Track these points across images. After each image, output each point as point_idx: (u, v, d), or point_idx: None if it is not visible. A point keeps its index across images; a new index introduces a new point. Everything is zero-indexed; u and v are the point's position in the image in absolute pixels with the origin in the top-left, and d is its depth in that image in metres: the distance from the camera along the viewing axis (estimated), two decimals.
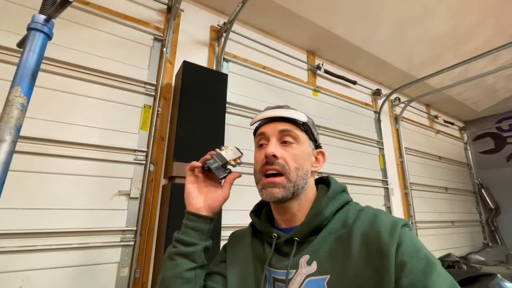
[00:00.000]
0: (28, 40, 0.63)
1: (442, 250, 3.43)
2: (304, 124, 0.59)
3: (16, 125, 0.56)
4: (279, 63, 2.76)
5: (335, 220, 0.53)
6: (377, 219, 0.48)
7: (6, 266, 1.35)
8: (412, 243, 0.44)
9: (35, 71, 0.63)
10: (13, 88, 0.59)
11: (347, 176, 2.92)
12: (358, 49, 2.97)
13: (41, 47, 0.64)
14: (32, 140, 1.50)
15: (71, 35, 1.73)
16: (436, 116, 4.43)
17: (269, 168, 0.53)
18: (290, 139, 0.56)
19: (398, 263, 0.41)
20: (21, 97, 0.58)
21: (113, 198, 1.68)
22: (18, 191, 1.44)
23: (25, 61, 0.61)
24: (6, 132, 0.54)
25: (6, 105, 0.57)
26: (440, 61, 3.08)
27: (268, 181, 0.53)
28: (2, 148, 0.53)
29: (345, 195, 0.59)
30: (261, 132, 0.59)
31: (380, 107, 3.58)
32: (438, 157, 4.23)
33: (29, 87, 0.60)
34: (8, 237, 1.37)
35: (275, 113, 0.58)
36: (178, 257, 0.52)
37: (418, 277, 0.40)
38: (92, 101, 1.73)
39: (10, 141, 0.55)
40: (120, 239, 1.66)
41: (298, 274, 0.49)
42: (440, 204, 3.95)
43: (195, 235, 0.54)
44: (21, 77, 0.59)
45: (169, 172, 1.69)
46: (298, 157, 0.55)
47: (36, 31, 0.63)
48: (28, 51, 0.62)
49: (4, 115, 0.56)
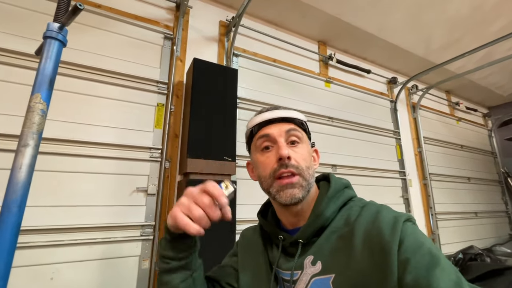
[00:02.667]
0: (45, 48, 0.65)
1: (464, 242, 3.32)
2: (303, 123, 0.59)
3: (38, 130, 0.59)
4: (289, 55, 2.71)
5: (338, 218, 0.52)
6: (379, 215, 0.47)
7: (38, 259, 1.45)
8: (414, 239, 0.43)
9: (52, 78, 0.66)
10: (33, 95, 0.62)
11: (362, 168, 2.86)
12: (372, 36, 2.86)
13: (56, 54, 0.66)
14: (54, 142, 1.58)
15: (84, 38, 1.79)
16: (457, 103, 4.22)
17: (284, 171, 0.51)
18: (296, 139, 0.56)
19: (401, 261, 0.41)
20: (41, 103, 0.61)
21: (131, 194, 1.75)
22: (44, 190, 1.53)
23: (43, 68, 0.64)
24: (29, 137, 0.57)
25: (28, 112, 0.60)
26: (460, 45, 2.92)
27: (286, 183, 0.51)
28: (27, 152, 0.56)
29: (348, 191, 0.57)
30: (265, 134, 0.56)
31: (396, 96, 3.45)
32: (459, 146, 4.05)
33: (47, 93, 0.63)
34: (37, 233, 1.47)
35: (276, 114, 0.57)
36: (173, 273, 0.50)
37: (421, 273, 0.39)
38: (107, 102, 1.79)
39: (33, 145, 0.58)
40: (140, 233, 1.73)
41: (304, 275, 0.49)
42: (462, 194, 3.80)
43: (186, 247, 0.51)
44: (40, 84, 0.62)
45: (184, 169, 1.74)
46: (306, 156, 0.55)
47: (51, 39, 0.65)
48: (45, 58, 0.65)
49: (26, 121, 0.59)
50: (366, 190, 2.84)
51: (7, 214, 0.54)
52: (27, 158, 0.58)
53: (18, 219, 0.56)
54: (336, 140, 2.79)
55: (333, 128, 2.80)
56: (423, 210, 3.28)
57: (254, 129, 0.58)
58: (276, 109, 0.59)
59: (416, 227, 0.47)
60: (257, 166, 0.57)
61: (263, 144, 0.56)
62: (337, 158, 2.72)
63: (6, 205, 0.55)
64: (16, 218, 0.55)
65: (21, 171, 0.56)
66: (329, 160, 2.65)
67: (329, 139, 2.74)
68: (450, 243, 3.31)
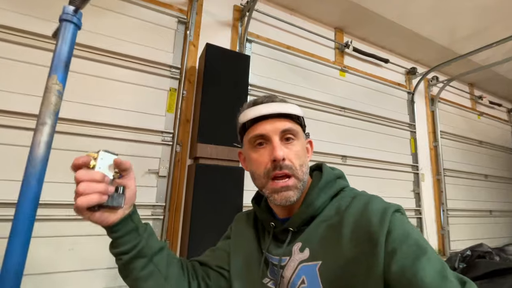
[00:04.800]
0: (60, 31, 0.67)
1: (475, 240, 3.25)
2: (299, 117, 0.57)
3: (55, 110, 0.63)
4: (304, 42, 2.65)
5: (329, 208, 0.53)
6: (368, 206, 0.48)
7: (58, 231, 1.56)
8: (402, 229, 0.43)
9: (67, 60, 0.68)
10: (50, 77, 0.65)
11: (373, 160, 2.82)
12: (392, 23, 2.73)
13: (72, 37, 0.68)
14: (72, 122, 1.65)
15: (101, 21, 1.81)
16: (480, 96, 4.01)
17: (279, 173, 0.51)
18: (291, 136, 0.54)
19: (388, 251, 0.42)
20: (57, 84, 0.64)
21: (144, 176, 1.82)
22: (63, 167, 1.61)
23: (59, 51, 0.66)
24: (47, 116, 0.60)
25: (45, 92, 0.63)
26: (487, 35, 2.74)
27: (281, 186, 0.50)
28: (44, 130, 0.59)
29: (340, 181, 0.57)
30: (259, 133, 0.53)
31: (415, 87, 3.32)
32: (478, 142, 3.88)
33: (63, 75, 0.65)
34: (57, 207, 1.57)
35: (272, 108, 0.53)
36: (129, 265, 0.50)
37: (407, 263, 0.39)
38: (122, 85, 1.83)
39: (51, 124, 0.61)
40: (151, 213, 1.81)
41: (292, 261, 0.51)
42: (477, 192, 3.69)
43: (130, 238, 0.50)
44: (56, 66, 0.64)
45: (194, 153, 1.78)
46: (300, 154, 0.54)
47: (66, 22, 0.67)
48: (61, 41, 0.67)
49: (44, 101, 0.62)
50: (376, 183, 2.80)
51: (27, 188, 0.58)
52: (45, 135, 0.61)
53: (37, 193, 0.60)
54: (348, 131, 2.74)
55: (345, 118, 2.75)
56: (434, 205, 3.22)
57: (248, 122, 0.55)
58: (271, 101, 0.55)
59: (404, 217, 0.47)
60: (250, 162, 0.56)
61: (256, 141, 0.54)
62: (348, 149, 2.68)
63: (26, 179, 0.58)
64: (35, 192, 0.59)
65: (40, 147, 0.59)
66: (340, 151, 2.63)
67: (341, 129, 2.70)
68: (460, 240, 3.26)
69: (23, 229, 0.58)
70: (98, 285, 1.61)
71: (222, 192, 1.71)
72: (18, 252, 0.57)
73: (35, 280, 1.47)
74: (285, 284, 0.51)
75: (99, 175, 0.44)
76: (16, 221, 0.57)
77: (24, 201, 0.58)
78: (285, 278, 0.51)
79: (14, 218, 0.57)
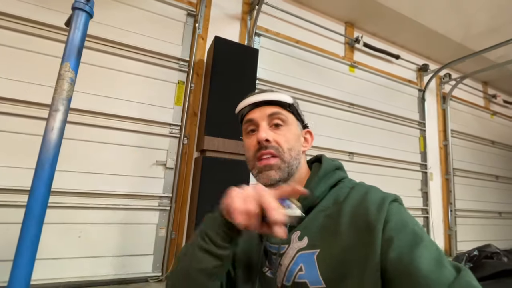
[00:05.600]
0: (73, 18, 0.69)
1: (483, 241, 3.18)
2: (290, 105, 0.58)
3: (68, 97, 0.64)
4: (313, 36, 2.62)
5: (327, 198, 0.54)
6: (366, 196, 0.48)
7: (68, 218, 1.60)
8: (399, 218, 0.44)
9: (80, 47, 0.69)
10: (63, 64, 0.66)
11: (381, 158, 2.79)
12: (405, 18, 2.67)
13: (84, 25, 0.69)
14: (84, 113, 1.68)
15: (111, 13, 1.83)
16: (494, 95, 3.91)
17: (264, 152, 0.53)
18: (279, 122, 0.56)
19: (385, 239, 0.42)
20: (70, 71, 0.65)
21: (151, 167, 1.85)
22: (74, 157, 1.65)
23: (72, 38, 0.67)
24: (59, 102, 0.62)
25: (58, 79, 0.65)
26: (504, 31, 2.65)
27: (263, 164, 0.53)
28: (57, 116, 0.61)
29: (339, 172, 0.58)
30: (249, 118, 0.58)
31: (426, 85, 3.25)
32: (491, 142, 3.79)
33: (76, 62, 0.67)
34: (68, 195, 1.61)
35: (261, 97, 0.57)
36: (206, 254, 0.46)
37: (404, 251, 0.40)
38: (131, 77, 1.85)
39: (63, 110, 0.63)
40: (158, 204, 1.84)
41: (290, 249, 0.52)
42: (487, 192, 3.62)
43: (228, 239, 0.46)
44: (69, 54, 0.66)
45: (201, 146, 1.79)
46: (289, 138, 0.55)
47: (79, 10, 0.68)
48: (74, 28, 0.68)
49: (57, 88, 0.64)
50: (383, 181, 2.78)
51: (41, 171, 0.60)
52: (58, 121, 0.63)
53: (50, 175, 0.62)
54: (356, 128, 2.71)
55: (353, 115, 2.72)
56: (442, 205, 3.18)
57: (243, 112, 0.60)
58: (262, 92, 0.59)
59: (402, 207, 0.48)
60: (244, 148, 0.60)
61: (248, 128, 0.58)
62: (355, 146, 2.66)
63: (40, 162, 0.60)
64: (48, 174, 0.61)
65: (53, 133, 0.61)
66: (347, 147, 2.61)
67: (348, 126, 2.67)
68: (468, 240, 3.21)
69: (37, 211, 0.60)
70: (106, 271, 1.65)
71: (229, 185, 1.71)
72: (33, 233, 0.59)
73: (44, 264, 1.52)
74: (283, 271, 0.52)
75: None
76: (30, 203, 0.59)
77: (38, 184, 0.60)
78: (283, 265, 0.52)
79: (28, 201, 0.59)
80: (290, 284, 0.49)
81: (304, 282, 0.47)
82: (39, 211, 0.61)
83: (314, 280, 0.46)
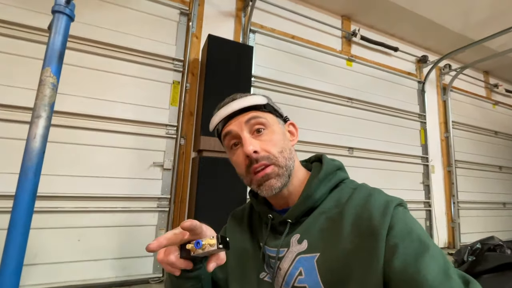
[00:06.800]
0: (53, 22, 0.67)
1: (487, 233, 3.17)
2: (266, 105, 0.55)
3: (50, 103, 0.63)
4: (309, 31, 2.58)
5: (328, 200, 0.52)
6: (370, 199, 0.46)
7: (67, 223, 1.60)
8: (404, 224, 0.42)
9: (61, 52, 0.68)
10: (44, 69, 0.65)
11: (381, 152, 2.76)
12: (402, 10, 2.62)
13: (65, 28, 0.68)
14: (78, 116, 1.67)
15: (103, 14, 1.81)
16: (496, 85, 3.85)
17: (256, 166, 0.50)
18: (260, 126, 0.52)
19: (389, 246, 0.40)
20: (51, 77, 0.64)
21: (149, 168, 1.84)
22: (71, 161, 1.65)
23: (52, 43, 0.66)
24: (41, 109, 0.61)
25: (40, 85, 0.64)
26: (505, 19, 2.59)
27: (260, 176, 0.50)
28: (40, 123, 0.60)
29: (340, 173, 0.55)
30: (227, 132, 0.53)
31: (426, 76, 3.21)
32: (493, 132, 3.74)
33: (57, 67, 0.65)
34: (65, 199, 1.61)
35: (232, 107, 0.53)
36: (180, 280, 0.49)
37: (410, 260, 0.38)
38: (125, 79, 1.84)
39: (46, 116, 0.61)
40: (157, 205, 1.84)
41: (290, 252, 0.50)
42: (491, 184, 3.58)
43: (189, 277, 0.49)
44: (50, 58, 0.64)
45: (198, 146, 1.78)
46: (276, 141, 0.52)
47: (59, 13, 0.66)
48: (54, 33, 0.67)
49: (38, 94, 0.63)
50: (384, 175, 2.76)
51: (24, 180, 0.59)
52: (40, 128, 0.61)
53: (34, 184, 0.60)
54: (355, 122, 2.69)
55: (352, 109, 2.69)
56: (444, 198, 3.15)
57: (219, 128, 0.56)
58: (232, 100, 0.55)
59: (407, 212, 0.46)
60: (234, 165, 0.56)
61: (231, 142, 0.54)
62: (355, 141, 2.63)
63: (24, 171, 0.59)
64: (33, 183, 0.60)
65: (35, 140, 0.60)
66: (346, 142, 2.58)
67: (347, 120, 2.65)
68: (472, 232, 3.19)
69: (21, 220, 0.59)
70: (106, 274, 1.66)
71: (226, 183, 1.71)
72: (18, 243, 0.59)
73: (45, 269, 1.53)
74: (282, 276, 0.50)
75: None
76: (14, 213, 0.58)
77: (22, 193, 0.59)
78: (282, 269, 0.50)
79: (13, 210, 0.58)
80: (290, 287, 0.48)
81: (304, 286, 0.46)
82: (24, 220, 0.60)
83: (314, 284, 0.45)
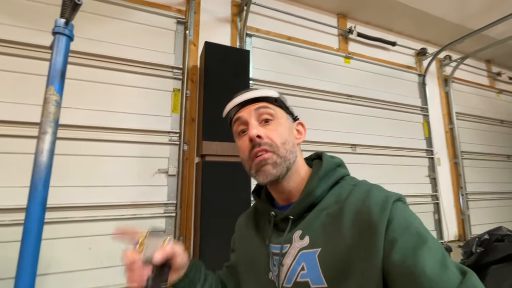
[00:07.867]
0: (54, 43, 0.71)
1: (497, 224, 3.11)
2: (277, 99, 0.58)
3: (54, 119, 0.67)
4: (305, 31, 2.60)
5: (329, 197, 0.53)
6: (369, 194, 0.48)
7: (78, 232, 1.65)
8: (403, 218, 0.43)
9: (63, 70, 0.72)
10: (48, 88, 0.69)
11: (384, 147, 2.76)
12: (398, 4, 2.63)
13: (65, 49, 0.72)
14: (84, 128, 1.73)
15: (102, 28, 1.87)
16: (498, 73, 3.80)
17: (257, 150, 0.52)
18: (268, 117, 0.55)
19: (388, 240, 0.42)
20: (55, 94, 0.68)
21: (154, 175, 1.89)
22: (80, 172, 1.70)
23: (54, 63, 0.70)
24: (47, 125, 0.65)
25: (44, 103, 0.67)
26: (502, 7, 2.57)
27: (259, 160, 0.52)
28: (46, 138, 0.64)
29: (340, 170, 0.57)
30: (237, 118, 0.57)
31: (426, 69, 3.19)
32: (499, 121, 3.69)
33: (60, 85, 0.69)
34: (76, 209, 1.66)
35: (246, 96, 0.57)
36: None
37: (408, 253, 0.40)
38: (127, 89, 1.89)
39: (51, 132, 0.65)
40: (164, 211, 1.88)
41: (292, 248, 0.52)
42: (499, 173, 3.52)
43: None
44: (53, 77, 0.68)
45: (200, 151, 1.81)
46: (281, 132, 0.54)
47: (59, 34, 0.70)
48: (55, 53, 0.71)
49: (43, 112, 0.67)
50: (388, 170, 2.75)
51: (35, 192, 0.63)
52: (47, 143, 0.65)
53: (44, 196, 0.64)
54: (356, 119, 2.69)
55: (352, 106, 2.70)
56: (452, 190, 3.12)
57: (231, 115, 0.60)
58: (247, 91, 0.59)
59: (406, 206, 0.47)
60: (239, 152, 0.59)
61: (239, 128, 0.58)
62: (357, 138, 2.64)
63: (33, 184, 0.63)
64: (42, 195, 0.63)
65: (43, 155, 0.64)
66: (348, 140, 2.59)
67: (348, 118, 2.65)
68: (482, 224, 3.14)
69: (33, 231, 0.63)
70: (118, 280, 1.70)
71: (230, 186, 1.74)
72: (31, 252, 0.62)
73: (58, 278, 1.58)
74: (285, 271, 0.52)
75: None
76: (27, 224, 0.62)
77: (33, 205, 0.63)
78: (285, 265, 0.52)
79: (25, 221, 0.62)
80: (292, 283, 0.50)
81: (306, 281, 0.48)
82: (36, 230, 0.63)
83: (316, 279, 0.47)
